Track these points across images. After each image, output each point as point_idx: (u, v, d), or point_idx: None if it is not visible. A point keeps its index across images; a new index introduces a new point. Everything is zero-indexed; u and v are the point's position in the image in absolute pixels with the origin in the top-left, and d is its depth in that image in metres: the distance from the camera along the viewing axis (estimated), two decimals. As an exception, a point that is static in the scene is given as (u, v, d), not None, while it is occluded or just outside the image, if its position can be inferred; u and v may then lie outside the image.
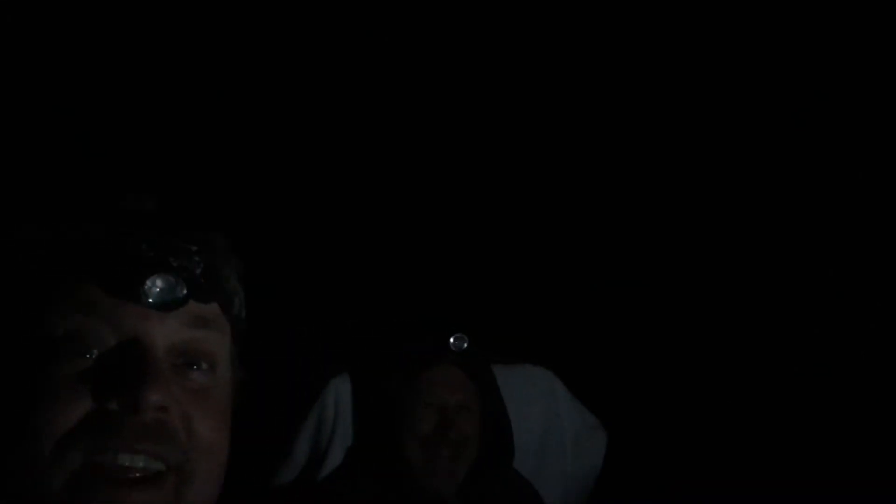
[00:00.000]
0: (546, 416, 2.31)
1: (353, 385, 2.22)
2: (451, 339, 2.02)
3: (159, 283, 0.77)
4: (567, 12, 2.79)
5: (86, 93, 2.58)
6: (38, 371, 0.75)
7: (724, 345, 2.72)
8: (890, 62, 2.64)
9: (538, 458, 2.28)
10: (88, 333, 0.76)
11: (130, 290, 0.77)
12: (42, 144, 2.46)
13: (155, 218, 0.82)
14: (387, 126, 2.87)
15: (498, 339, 2.20)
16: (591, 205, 2.86)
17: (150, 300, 0.77)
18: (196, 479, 0.78)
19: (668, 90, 2.84)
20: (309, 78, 2.80)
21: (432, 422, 1.99)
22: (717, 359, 2.70)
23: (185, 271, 0.79)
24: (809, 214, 2.78)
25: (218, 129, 2.76)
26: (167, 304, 0.78)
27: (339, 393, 2.21)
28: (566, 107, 2.87)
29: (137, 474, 0.74)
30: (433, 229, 2.85)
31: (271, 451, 2.16)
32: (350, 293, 2.70)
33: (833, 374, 2.63)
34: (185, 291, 0.78)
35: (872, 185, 2.71)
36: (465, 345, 2.02)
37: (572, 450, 2.32)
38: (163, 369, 0.77)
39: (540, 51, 2.84)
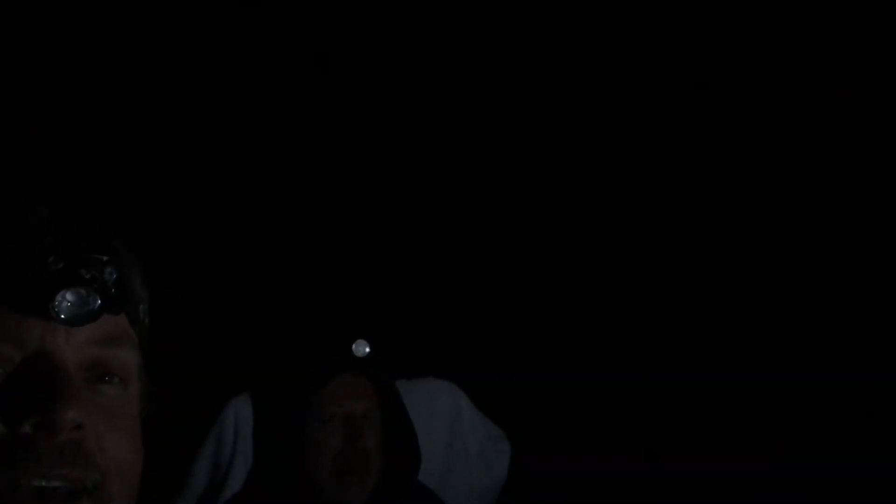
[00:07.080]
0: (450, 430, 2.30)
1: (255, 405, 2.17)
2: (353, 346, 1.99)
3: (69, 296, 0.73)
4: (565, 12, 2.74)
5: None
6: None
7: (623, 357, 2.74)
8: (890, 62, 2.65)
9: (443, 471, 2.27)
10: None
11: (38, 306, 0.73)
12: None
13: (53, 224, 0.76)
14: (269, 130, 2.81)
15: (400, 350, 2.18)
16: (487, 216, 2.84)
17: (62, 315, 0.73)
18: (112, 502, 0.74)
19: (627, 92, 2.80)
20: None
21: (340, 435, 1.95)
22: (618, 369, 2.72)
23: (96, 282, 0.75)
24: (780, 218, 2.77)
25: (106, 128, 2.67)
26: (79, 318, 0.74)
27: (239, 415, 2.16)
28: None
29: (52, 500, 0.70)
30: (330, 239, 2.81)
31: (167, 479, 2.09)
32: (247, 306, 2.63)
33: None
34: (98, 303, 0.74)
35: (872, 184, 2.71)
36: (368, 349, 1.99)
37: (477, 462, 2.32)
38: (76, 385, 0.73)
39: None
